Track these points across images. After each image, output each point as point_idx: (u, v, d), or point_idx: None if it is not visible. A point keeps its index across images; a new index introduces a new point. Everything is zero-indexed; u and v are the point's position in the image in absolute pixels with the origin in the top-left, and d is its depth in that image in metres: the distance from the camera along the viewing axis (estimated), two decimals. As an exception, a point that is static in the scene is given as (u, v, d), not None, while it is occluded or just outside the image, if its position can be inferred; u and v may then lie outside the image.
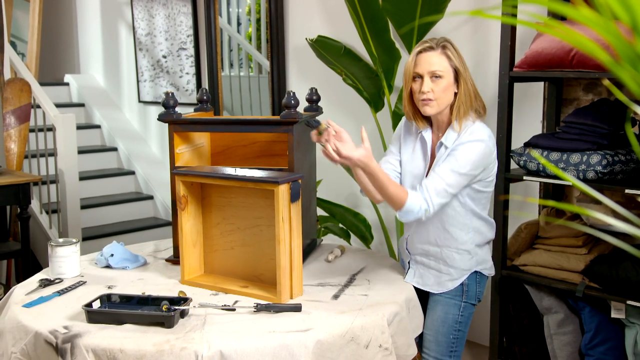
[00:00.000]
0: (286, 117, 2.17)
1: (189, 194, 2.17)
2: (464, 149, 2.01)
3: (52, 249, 2.24)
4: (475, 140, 2.02)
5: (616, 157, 2.44)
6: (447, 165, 2.00)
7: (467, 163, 2.00)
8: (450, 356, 2.17)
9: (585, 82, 2.87)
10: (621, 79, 0.68)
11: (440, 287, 2.18)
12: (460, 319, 2.17)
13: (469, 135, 2.04)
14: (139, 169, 5.55)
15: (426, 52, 2.04)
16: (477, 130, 2.05)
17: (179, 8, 5.10)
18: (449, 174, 1.99)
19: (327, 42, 3.54)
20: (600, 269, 2.51)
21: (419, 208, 1.96)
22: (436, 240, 2.16)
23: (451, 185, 1.99)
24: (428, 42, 2.06)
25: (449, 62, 2.03)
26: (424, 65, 2.03)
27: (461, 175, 2.00)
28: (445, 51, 2.03)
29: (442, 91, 2.03)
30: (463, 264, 2.16)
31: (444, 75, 2.02)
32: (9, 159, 4.23)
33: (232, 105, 5.04)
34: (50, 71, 6.66)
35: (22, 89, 4.30)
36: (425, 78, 2.03)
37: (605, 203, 0.79)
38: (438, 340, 2.17)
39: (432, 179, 1.99)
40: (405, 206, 1.95)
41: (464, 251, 2.15)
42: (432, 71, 2.02)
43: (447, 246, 2.15)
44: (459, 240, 2.14)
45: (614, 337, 2.63)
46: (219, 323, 1.80)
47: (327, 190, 3.95)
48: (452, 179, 1.99)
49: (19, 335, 1.83)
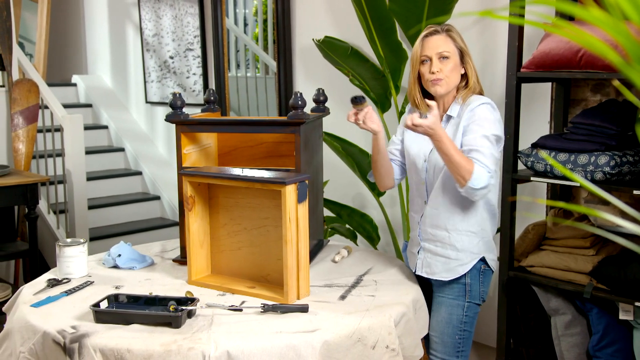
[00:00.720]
0: (293, 118, 2.17)
1: (196, 195, 2.18)
2: (479, 112, 2.09)
3: (59, 249, 2.25)
4: (482, 103, 2.10)
5: (624, 158, 2.43)
6: (478, 134, 2.06)
7: (488, 123, 2.07)
8: (457, 356, 2.17)
9: (593, 82, 2.86)
10: (631, 79, 0.68)
11: (450, 274, 2.18)
12: (465, 319, 2.17)
13: (473, 102, 2.12)
14: (146, 170, 5.57)
15: (432, 35, 2.15)
16: (478, 97, 2.15)
17: (186, 9, 5.12)
18: (483, 140, 2.05)
19: (334, 43, 3.54)
20: (608, 270, 2.50)
21: (484, 173, 1.99)
22: (445, 224, 2.17)
23: (490, 148, 2.05)
24: (433, 26, 2.17)
25: (454, 44, 2.14)
26: (432, 48, 2.13)
27: (492, 137, 2.07)
28: (450, 34, 2.14)
29: (450, 71, 2.13)
30: (472, 247, 2.17)
31: (450, 56, 2.12)
32: (17, 159, 4.25)
33: (238, 106, 5.05)
34: (58, 72, 6.68)
35: (30, 90, 4.32)
36: (434, 59, 2.12)
37: (614, 204, 0.78)
38: (444, 342, 2.17)
39: (476, 150, 2.03)
40: (473, 173, 1.98)
41: (472, 233, 2.17)
42: (440, 52, 2.12)
43: (456, 229, 2.16)
44: (469, 221, 2.16)
45: (622, 339, 2.62)
46: (226, 323, 1.81)
47: (333, 191, 3.95)
48: (487, 142, 2.05)
49: (27, 334, 1.84)
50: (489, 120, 2.08)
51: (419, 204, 2.25)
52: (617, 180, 2.42)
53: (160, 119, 5.61)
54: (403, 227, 3.45)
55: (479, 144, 2.04)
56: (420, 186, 2.23)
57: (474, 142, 2.05)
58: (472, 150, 2.04)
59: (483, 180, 1.99)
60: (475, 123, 2.08)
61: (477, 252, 2.18)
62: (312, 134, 2.35)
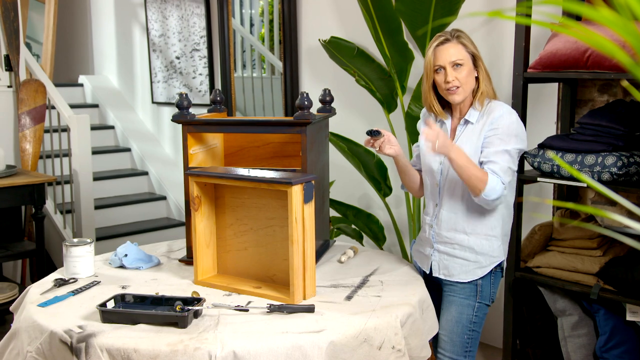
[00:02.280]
0: (299, 118, 2.17)
1: (202, 195, 2.18)
2: (501, 125, 2.08)
3: (66, 248, 2.26)
4: (505, 113, 2.11)
5: (632, 159, 2.42)
6: (498, 147, 2.07)
7: (510, 138, 2.08)
8: (465, 356, 2.18)
9: (600, 83, 2.85)
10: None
11: (469, 276, 2.18)
12: (475, 319, 2.18)
13: (495, 110, 2.12)
14: (152, 170, 5.58)
15: (443, 44, 2.13)
16: (500, 105, 2.14)
17: (192, 9, 5.12)
18: (504, 155, 2.07)
19: (340, 43, 3.54)
20: (615, 271, 2.49)
21: (498, 185, 2.03)
22: (464, 227, 2.17)
23: (509, 162, 2.08)
24: (443, 34, 2.15)
25: (465, 50, 2.13)
26: (444, 57, 2.12)
27: (512, 150, 2.08)
28: (461, 40, 2.13)
29: (465, 77, 2.12)
30: (492, 251, 2.17)
31: (464, 62, 2.12)
32: (24, 160, 4.26)
33: (244, 106, 5.06)
34: (65, 72, 6.71)
35: (37, 90, 4.34)
36: (448, 68, 2.12)
37: (621, 204, 0.78)
38: (453, 341, 2.18)
39: (493, 163, 2.06)
40: (487, 184, 2.01)
41: (492, 237, 2.17)
42: (453, 61, 2.11)
43: (476, 233, 2.17)
44: (489, 225, 2.16)
45: (629, 340, 2.61)
46: (232, 323, 1.81)
47: (340, 192, 3.95)
48: (508, 157, 2.07)
49: (34, 334, 1.84)
50: (511, 135, 2.08)
51: (432, 207, 2.26)
52: (624, 180, 2.41)
53: (167, 119, 5.63)
54: (409, 228, 3.45)
55: (499, 159, 2.06)
56: (434, 188, 2.23)
57: (494, 157, 2.07)
58: (490, 162, 2.07)
59: (497, 192, 2.03)
60: (497, 137, 2.08)
61: (496, 255, 2.18)
62: (318, 135, 2.35)
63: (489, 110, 2.14)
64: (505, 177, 2.05)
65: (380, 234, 3.64)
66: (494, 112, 2.11)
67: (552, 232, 2.76)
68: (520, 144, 2.11)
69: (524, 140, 2.13)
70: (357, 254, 2.53)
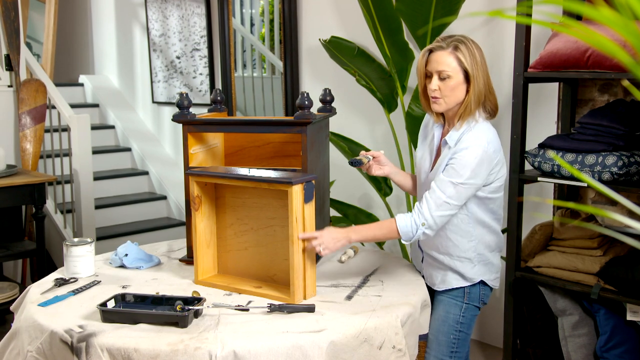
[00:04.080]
0: (300, 118, 2.17)
1: (202, 194, 2.18)
2: (461, 157, 1.99)
3: (67, 248, 2.26)
4: (472, 146, 1.99)
5: (632, 159, 2.42)
6: (446, 177, 2.00)
7: (465, 172, 1.98)
8: (450, 356, 2.16)
9: (601, 82, 2.85)
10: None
11: (445, 285, 2.19)
12: (462, 320, 2.17)
13: (467, 140, 2.02)
14: (152, 169, 5.58)
15: (436, 51, 2.04)
16: (477, 134, 2.02)
17: (193, 9, 5.12)
18: (448, 186, 1.99)
19: (341, 43, 3.54)
20: (616, 271, 2.49)
21: (412, 226, 2.01)
22: (438, 247, 2.18)
23: (451, 197, 1.99)
24: (440, 41, 2.05)
25: (458, 63, 2.01)
26: (433, 64, 2.04)
27: (461, 185, 1.99)
28: (456, 52, 2.01)
29: (449, 90, 2.03)
30: (466, 272, 2.16)
31: (451, 75, 2.01)
32: (25, 159, 4.26)
33: (245, 106, 5.06)
34: (65, 72, 6.71)
35: (38, 90, 4.34)
36: (434, 77, 2.05)
37: (622, 204, 0.78)
38: (438, 340, 2.17)
39: (432, 192, 2.02)
40: (400, 230, 2.02)
41: (465, 259, 2.15)
42: (439, 71, 2.03)
43: (449, 254, 2.16)
44: (461, 247, 2.14)
45: (629, 340, 2.61)
46: (232, 323, 1.81)
47: (340, 191, 3.95)
48: (452, 191, 1.99)
49: (34, 334, 1.84)
50: (466, 168, 1.98)
51: None
52: (624, 180, 2.41)
53: (167, 119, 5.63)
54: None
55: (440, 189, 2.00)
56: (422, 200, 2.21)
57: (438, 185, 2.01)
58: (432, 189, 2.02)
59: (411, 231, 2.02)
60: (453, 166, 2.00)
61: (471, 276, 2.17)
62: (319, 134, 2.35)
63: (465, 138, 2.03)
64: (435, 211, 1.99)
65: (381, 233, 3.64)
66: (463, 143, 2.01)
67: (552, 232, 2.76)
68: (475, 179, 1.99)
69: (478, 175, 1.99)
70: (358, 253, 2.53)
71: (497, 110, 2.11)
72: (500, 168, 2.08)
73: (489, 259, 2.18)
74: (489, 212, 2.13)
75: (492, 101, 2.08)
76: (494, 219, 2.16)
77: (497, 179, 2.08)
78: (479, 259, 2.15)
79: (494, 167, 2.04)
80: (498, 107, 2.12)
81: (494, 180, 2.07)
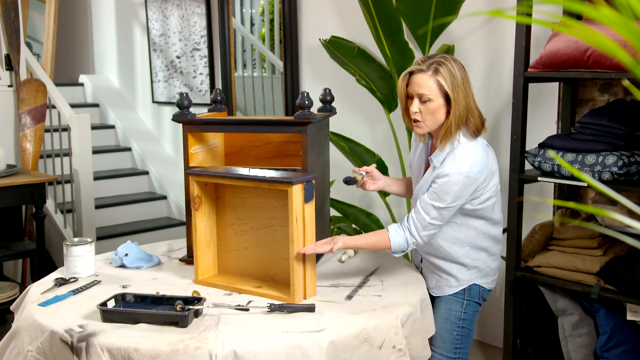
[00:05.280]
0: (300, 118, 2.17)
1: (203, 194, 2.18)
2: (443, 183, 2.00)
3: (67, 248, 2.26)
4: (452, 174, 1.99)
5: (632, 158, 2.42)
6: (429, 199, 2.03)
7: (447, 198, 2.00)
8: (455, 353, 2.19)
9: (601, 82, 2.85)
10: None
11: (438, 291, 2.22)
12: (464, 316, 2.19)
13: (448, 166, 2.01)
14: (152, 169, 5.58)
15: (416, 74, 2.02)
16: (459, 160, 2.00)
17: (193, 9, 5.12)
18: (431, 210, 2.03)
19: (341, 43, 3.54)
20: (616, 271, 2.49)
21: (404, 245, 2.08)
22: (431, 251, 2.20)
23: (435, 218, 2.04)
24: (420, 63, 2.03)
25: (438, 86, 1.99)
26: (414, 87, 2.03)
27: (444, 209, 2.02)
28: (436, 75, 1.99)
29: (429, 113, 2.02)
30: (460, 275, 2.18)
31: (432, 98, 2.00)
32: (25, 159, 4.26)
33: (245, 105, 5.06)
34: (65, 72, 6.71)
35: (38, 90, 4.34)
36: (415, 99, 2.04)
37: (622, 203, 0.78)
38: (442, 337, 2.19)
39: (417, 212, 2.05)
40: (391, 242, 2.08)
41: (459, 264, 2.17)
42: (420, 94, 2.01)
43: (442, 258, 2.18)
44: (453, 254, 2.16)
45: (629, 340, 2.61)
46: (232, 323, 1.81)
47: (340, 191, 3.95)
48: (435, 213, 2.03)
49: (35, 333, 1.84)
50: (450, 195, 1.99)
51: None
52: (624, 180, 2.41)
53: (167, 119, 5.63)
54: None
55: (425, 211, 2.03)
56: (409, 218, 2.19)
57: (422, 206, 2.04)
58: (417, 209, 2.06)
59: (401, 245, 2.08)
60: (435, 190, 2.01)
61: (466, 279, 2.18)
62: (319, 134, 2.35)
63: (447, 162, 2.02)
64: (422, 232, 2.05)
65: (381, 233, 3.64)
66: (445, 168, 2.01)
67: (552, 232, 2.76)
68: (458, 201, 2.01)
69: (461, 197, 2.00)
70: (358, 253, 2.53)
71: (483, 129, 2.08)
72: (489, 182, 2.07)
73: (485, 262, 2.19)
74: (480, 219, 2.13)
75: (474, 121, 2.05)
76: (489, 224, 2.16)
77: (486, 191, 2.08)
78: (473, 264, 2.18)
79: (481, 184, 2.04)
80: (484, 125, 2.08)
81: (481, 195, 2.07)
